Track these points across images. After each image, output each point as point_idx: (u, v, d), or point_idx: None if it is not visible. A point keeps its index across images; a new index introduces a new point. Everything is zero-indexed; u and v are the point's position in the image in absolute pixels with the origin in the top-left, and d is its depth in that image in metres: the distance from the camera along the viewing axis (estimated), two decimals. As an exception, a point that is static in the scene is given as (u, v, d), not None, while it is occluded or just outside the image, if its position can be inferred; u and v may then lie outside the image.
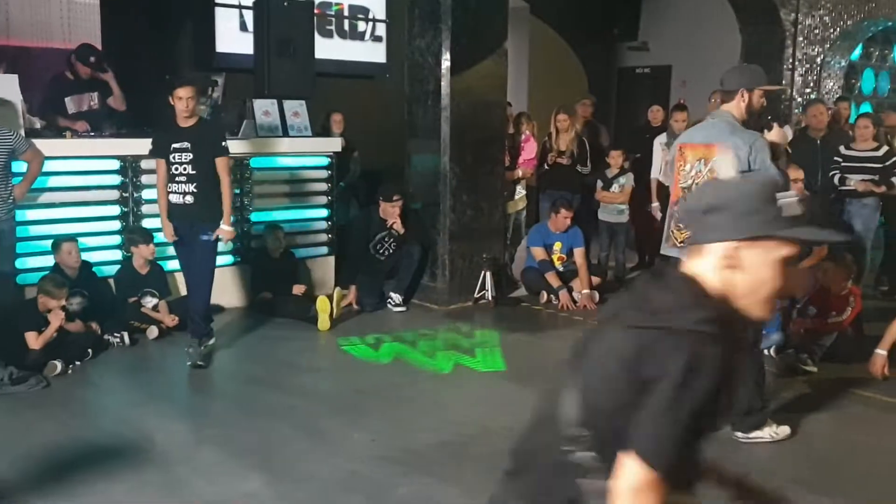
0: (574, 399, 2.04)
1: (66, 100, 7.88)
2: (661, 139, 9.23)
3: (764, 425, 5.14)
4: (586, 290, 8.49)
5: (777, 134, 5.02)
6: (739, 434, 5.13)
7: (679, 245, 5.16)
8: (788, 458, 4.96)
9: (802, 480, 4.62)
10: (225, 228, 6.48)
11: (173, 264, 7.54)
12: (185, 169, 6.38)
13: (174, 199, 6.46)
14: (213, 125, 6.83)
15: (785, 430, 5.19)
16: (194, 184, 6.39)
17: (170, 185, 6.45)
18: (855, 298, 6.73)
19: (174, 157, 6.39)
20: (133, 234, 7.31)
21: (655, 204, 9.13)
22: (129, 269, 7.25)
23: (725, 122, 5.00)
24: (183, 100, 6.26)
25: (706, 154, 4.97)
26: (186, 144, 6.36)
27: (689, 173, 5.07)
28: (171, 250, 7.47)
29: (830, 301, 6.76)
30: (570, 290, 8.52)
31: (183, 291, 7.46)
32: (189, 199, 6.40)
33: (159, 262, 7.42)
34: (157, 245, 7.27)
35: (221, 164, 6.43)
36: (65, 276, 6.64)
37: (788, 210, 2.00)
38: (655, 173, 9.19)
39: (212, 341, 6.71)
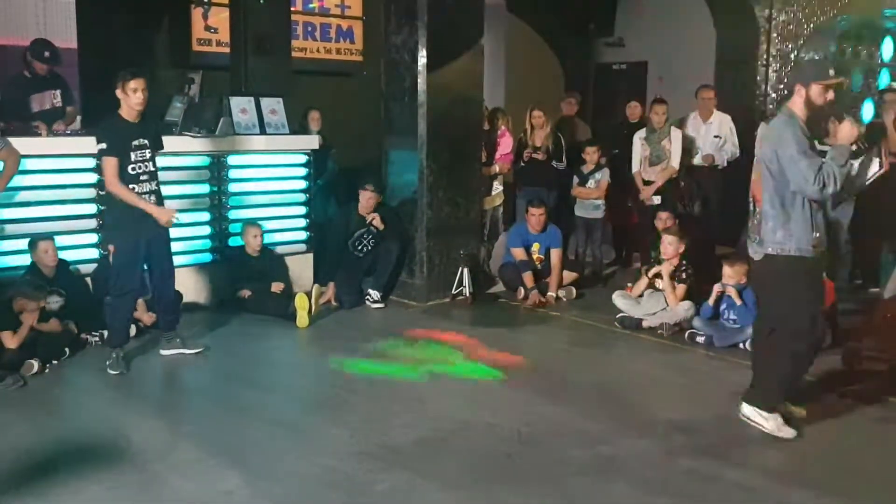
0: None
1: (31, 98, 7.83)
2: (640, 134, 9.29)
3: (769, 414, 5.15)
4: (551, 293, 8.51)
5: (844, 131, 5.02)
6: (746, 409, 5.19)
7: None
8: (762, 448, 5.01)
9: (776, 471, 4.70)
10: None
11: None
12: (147, 167, 6.23)
13: None
14: (154, 118, 6.72)
15: (789, 432, 5.14)
16: (155, 181, 6.31)
17: (131, 185, 6.16)
18: (828, 291, 6.79)
19: (136, 156, 6.17)
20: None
21: (642, 196, 9.16)
22: (105, 268, 7.22)
23: (779, 117, 5.13)
24: (139, 91, 6.06)
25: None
26: (145, 141, 6.23)
27: (756, 167, 5.28)
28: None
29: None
30: (544, 287, 8.56)
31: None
32: (153, 198, 6.27)
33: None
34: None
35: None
36: (41, 276, 6.61)
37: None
38: (636, 167, 9.26)
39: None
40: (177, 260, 7.68)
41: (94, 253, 7.40)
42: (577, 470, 4.70)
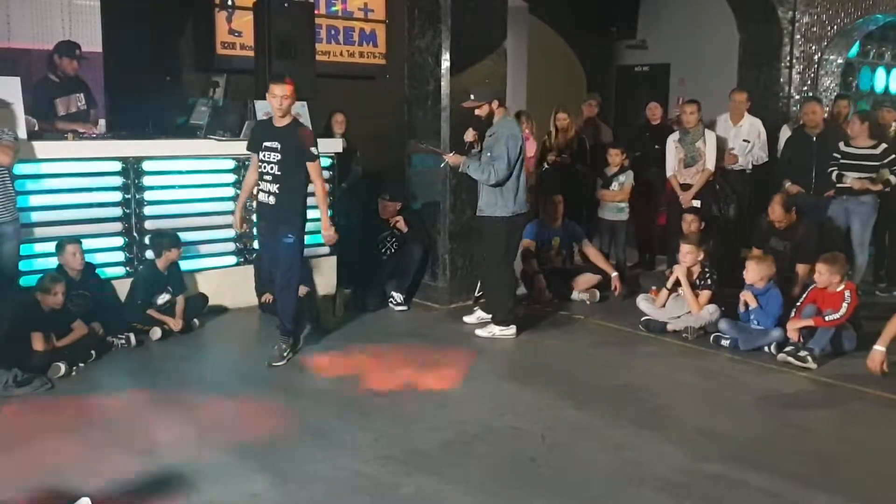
0: None
1: (56, 102, 7.92)
2: (674, 137, 9.23)
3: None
4: (615, 273, 8.68)
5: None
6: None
7: None
8: (787, 453, 5.00)
9: (801, 476, 4.67)
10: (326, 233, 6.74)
11: (188, 264, 7.70)
12: (272, 168, 6.46)
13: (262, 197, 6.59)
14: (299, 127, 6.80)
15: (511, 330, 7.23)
16: (278, 185, 6.48)
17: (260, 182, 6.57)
18: (850, 294, 6.76)
19: (264, 156, 6.49)
20: (161, 239, 7.31)
21: (681, 200, 9.11)
22: (152, 271, 7.26)
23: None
24: (277, 98, 6.34)
25: None
26: (277, 144, 6.44)
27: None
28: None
29: (826, 298, 6.80)
30: (569, 289, 8.61)
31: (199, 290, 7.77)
32: (272, 199, 6.51)
33: (177, 261, 7.45)
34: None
35: (313, 168, 6.52)
36: (68, 278, 6.66)
37: None
38: (671, 171, 9.19)
39: (285, 344, 6.72)
40: (201, 263, 7.82)
41: (119, 256, 7.44)
42: (602, 474, 4.70)
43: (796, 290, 7.53)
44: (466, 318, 7.83)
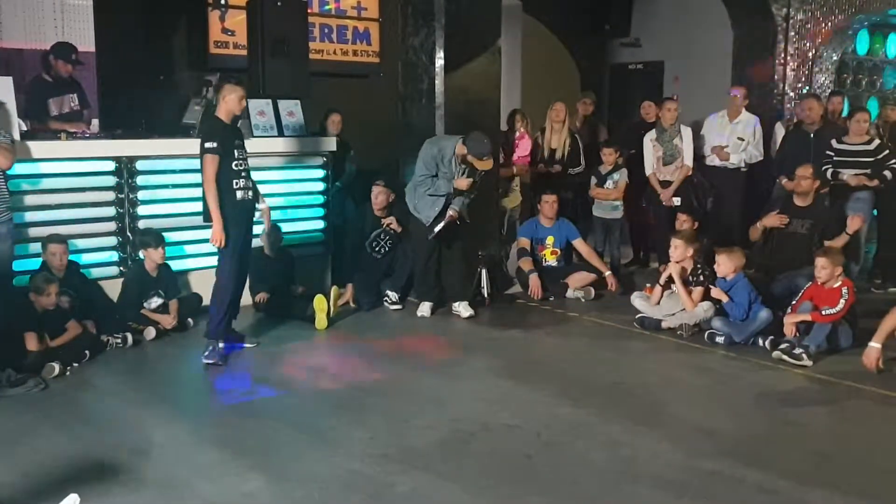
0: None
1: (49, 102, 7.90)
2: (650, 135, 9.27)
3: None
4: (608, 272, 8.70)
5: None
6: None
7: None
8: (784, 450, 4.99)
9: (798, 473, 4.65)
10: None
11: (182, 264, 7.71)
12: (245, 165, 6.65)
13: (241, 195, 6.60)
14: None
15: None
16: (250, 180, 6.75)
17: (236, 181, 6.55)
18: (848, 290, 6.76)
19: (238, 154, 6.56)
20: (145, 236, 7.30)
21: (662, 198, 9.13)
22: (140, 271, 7.24)
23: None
24: (243, 99, 6.56)
25: None
26: (243, 142, 6.70)
27: None
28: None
29: (823, 294, 6.79)
30: (564, 287, 8.60)
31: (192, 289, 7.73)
32: (250, 194, 6.71)
33: (168, 263, 7.41)
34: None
35: None
36: (52, 275, 6.63)
37: None
38: (650, 169, 9.23)
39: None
40: (195, 262, 7.80)
41: (113, 256, 7.41)
42: (598, 472, 4.68)
43: (855, 225, 7.70)
44: (460, 312, 7.95)
